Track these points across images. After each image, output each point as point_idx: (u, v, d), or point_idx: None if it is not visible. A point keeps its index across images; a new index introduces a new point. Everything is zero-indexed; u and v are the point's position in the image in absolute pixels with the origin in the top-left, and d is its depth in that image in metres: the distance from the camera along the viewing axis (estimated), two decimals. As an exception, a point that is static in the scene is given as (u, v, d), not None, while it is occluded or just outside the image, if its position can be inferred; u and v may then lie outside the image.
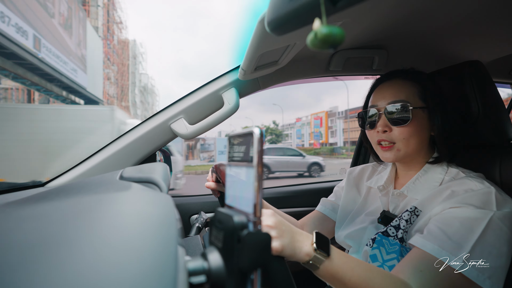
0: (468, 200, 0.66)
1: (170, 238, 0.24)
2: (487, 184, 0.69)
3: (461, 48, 1.03)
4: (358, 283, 0.56)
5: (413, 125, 0.76)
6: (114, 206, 0.29)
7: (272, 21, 0.38)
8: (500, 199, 0.66)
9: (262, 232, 0.30)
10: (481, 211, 0.63)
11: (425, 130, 0.78)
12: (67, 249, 0.21)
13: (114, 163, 0.98)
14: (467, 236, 0.61)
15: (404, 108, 0.76)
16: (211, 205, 1.25)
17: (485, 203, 0.65)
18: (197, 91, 1.03)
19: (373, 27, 0.88)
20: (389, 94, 0.80)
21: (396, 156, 0.79)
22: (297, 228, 0.55)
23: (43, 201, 0.38)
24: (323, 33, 0.27)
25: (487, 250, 0.60)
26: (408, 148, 0.78)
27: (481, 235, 0.61)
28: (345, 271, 0.56)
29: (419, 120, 0.77)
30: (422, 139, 0.78)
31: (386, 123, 0.79)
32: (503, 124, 0.88)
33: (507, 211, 0.64)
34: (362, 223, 0.85)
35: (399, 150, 0.78)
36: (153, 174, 0.46)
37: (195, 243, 0.75)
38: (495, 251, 0.60)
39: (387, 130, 0.79)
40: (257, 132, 0.32)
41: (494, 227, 0.62)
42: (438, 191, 0.73)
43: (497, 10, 0.79)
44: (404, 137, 0.77)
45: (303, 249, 0.54)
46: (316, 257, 0.54)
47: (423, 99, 0.79)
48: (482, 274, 0.59)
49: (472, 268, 0.59)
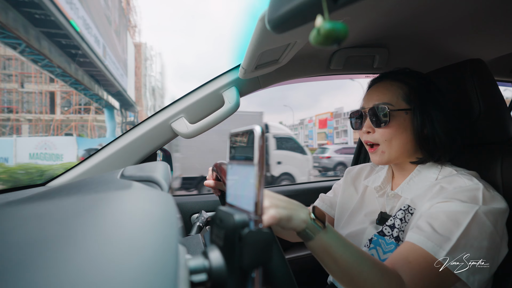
0: (455, 195, 0.68)
1: (171, 236, 0.24)
2: (475, 181, 0.70)
3: (463, 46, 1.03)
4: (349, 261, 0.57)
5: (393, 127, 0.78)
6: (115, 204, 0.29)
7: (273, 19, 0.37)
8: (488, 195, 0.68)
9: (264, 230, 0.30)
10: (467, 205, 0.65)
11: (409, 132, 0.78)
12: (68, 247, 0.21)
13: (115, 162, 0.98)
14: (453, 229, 0.63)
15: (384, 110, 0.78)
16: (212, 204, 1.25)
17: (471, 198, 0.67)
18: (198, 90, 1.03)
19: (373, 25, 0.87)
20: (375, 96, 0.82)
21: (381, 158, 0.81)
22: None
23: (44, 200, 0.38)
24: (326, 29, 0.27)
25: (469, 243, 0.62)
26: (391, 149, 0.79)
27: (466, 228, 0.63)
28: (338, 247, 0.58)
29: (401, 122, 0.78)
30: (405, 141, 0.79)
31: (369, 124, 0.81)
32: (505, 122, 0.87)
33: (493, 207, 0.66)
34: (362, 223, 0.86)
35: (383, 152, 0.80)
36: (154, 173, 0.46)
37: (196, 242, 0.75)
38: (476, 243, 0.62)
39: (370, 131, 0.81)
40: (258, 129, 0.32)
41: (478, 221, 0.64)
42: (428, 188, 0.75)
43: (498, 8, 0.79)
44: (386, 139, 0.79)
45: (300, 216, 0.56)
46: (313, 226, 0.57)
47: (408, 100, 0.79)
48: (462, 267, 0.61)
49: (455, 261, 0.61)
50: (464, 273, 0.61)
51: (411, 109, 0.78)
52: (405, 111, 0.78)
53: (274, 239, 0.54)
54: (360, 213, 0.90)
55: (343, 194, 0.98)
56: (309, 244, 0.58)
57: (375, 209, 0.86)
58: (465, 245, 0.62)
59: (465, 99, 0.89)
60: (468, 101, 0.88)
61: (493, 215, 0.65)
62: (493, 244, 0.64)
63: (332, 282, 0.94)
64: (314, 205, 0.59)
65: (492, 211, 0.65)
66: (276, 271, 0.50)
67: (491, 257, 0.64)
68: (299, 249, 1.32)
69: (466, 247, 0.62)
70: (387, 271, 0.60)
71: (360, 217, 0.88)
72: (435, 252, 0.61)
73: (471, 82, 0.88)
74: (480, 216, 0.64)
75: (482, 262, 0.62)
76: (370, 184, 0.92)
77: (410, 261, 0.62)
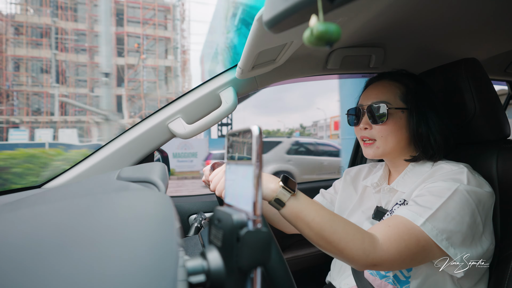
0: (440, 177, 0.72)
1: (169, 238, 0.24)
2: (461, 166, 0.74)
3: (458, 45, 1.04)
4: (322, 224, 0.60)
5: (390, 124, 0.80)
6: (112, 206, 0.29)
7: (270, 19, 0.37)
8: (472, 177, 0.71)
9: (262, 230, 0.30)
10: (450, 183, 0.69)
11: (404, 130, 0.81)
12: (65, 250, 0.21)
13: (112, 163, 0.98)
14: (433, 201, 0.66)
15: (382, 108, 0.80)
16: (210, 205, 1.25)
17: (455, 179, 0.70)
18: (195, 90, 1.03)
19: (369, 25, 0.88)
20: (373, 94, 0.85)
21: (375, 153, 0.83)
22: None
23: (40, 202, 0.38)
24: (319, 30, 0.27)
25: (451, 216, 0.64)
26: (387, 145, 0.81)
27: (447, 200, 0.65)
28: (309, 211, 0.61)
29: (397, 120, 0.80)
30: (400, 138, 0.81)
31: (367, 121, 0.83)
32: (500, 121, 0.88)
33: (475, 188, 0.69)
34: (359, 219, 0.88)
35: (378, 148, 0.82)
36: (151, 174, 0.46)
37: (194, 243, 0.74)
38: (458, 217, 0.65)
39: (367, 127, 0.84)
40: (256, 129, 0.32)
41: (460, 196, 0.66)
42: (422, 180, 0.77)
43: (493, 8, 0.80)
44: (382, 135, 0.81)
45: (270, 186, 0.61)
46: (282, 193, 0.61)
47: (405, 100, 0.82)
48: (441, 235, 0.63)
49: (433, 228, 0.63)
50: (444, 243, 0.63)
51: (408, 108, 0.81)
52: (401, 110, 0.81)
53: (272, 239, 0.55)
54: (358, 211, 0.91)
55: (342, 193, 0.99)
56: (282, 212, 0.62)
57: (372, 205, 0.88)
58: (446, 216, 0.64)
59: (461, 98, 0.90)
60: (464, 100, 0.89)
61: (476, 195, 0.68)
62: (474, 223, 0.66)
63: (330, 281, 0.94)
64: (284, 174, 0.62)
65: (475, 191, 0.68)
66: (275, 271, 0.50)
67: (472, 235, 0.66)
68: (297, 249, 1.32)
69: (448, 218, 0.64)
70: (359, 230, 0.62)
71: (358, 214, 0.90)
72: (414, 219, 0.64)
73: (466, 81, 0.89)
74: (462, 192, 0.67)
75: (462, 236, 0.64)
76: (369, 183, 0.93)
77: (389, 225, 0.65)
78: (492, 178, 0.83)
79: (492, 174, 0.84)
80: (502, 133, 0.89)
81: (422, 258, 0.66)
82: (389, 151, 0.83)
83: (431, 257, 0.67)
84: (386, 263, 0.62)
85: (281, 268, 0.51)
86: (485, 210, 0.69)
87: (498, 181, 0.82)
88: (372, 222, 0.84)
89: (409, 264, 0.66)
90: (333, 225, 0.61)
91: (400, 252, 0.62)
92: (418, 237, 0.63)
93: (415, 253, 0.63)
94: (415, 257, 0.64)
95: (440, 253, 0.65)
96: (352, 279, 0.81)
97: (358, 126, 0.86)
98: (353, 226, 0.62)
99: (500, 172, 0.83)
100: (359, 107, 0.87)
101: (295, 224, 0.63)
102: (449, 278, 0.72)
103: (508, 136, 0.90)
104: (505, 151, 0.84)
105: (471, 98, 0.88)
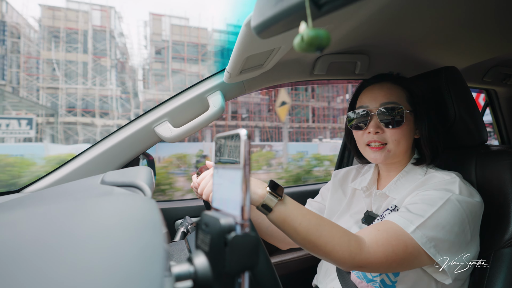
0: (433, 186, 0.73)
1: (155, 243, 0.23)
2: (453, 175, 0.75)
3: (439, 54, 1.08)
4: (308, 228, 0.61)
5: (404, 128, 0.80)
6: (96, 211, 0.28)
7: (258, 25, 0.38)
8: (464, 187, 0.72)
9: (250, 234, 0.30)
10: (442, 192, 0.70)
11: (412, 133, 0.82)
12: (45, 258, 0.20)
13: (96, 167, 0.95)
14: (426, 209, 0.67)
15: (397, 111, 0.79)
16: (196, 209, 1.23)
17: (447, 189, 0.71)
18: (182, 93, 1.02)
19: (354, 33, 0.90)
20: (381, 96, 0.82)
21: (386, 157, 0.81)
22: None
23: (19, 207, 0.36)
24: (310, 36, 0.28)
25: (441, 225, 0.65)
26: (398, 149, 0.80)
27: (438, 209, 0.66)
28: (296, 215, 0.61)
29: (409, 123, 0.81)
30: (410, 142, 0.82)
31: (378, 124, 0.80)
32: (478, 127, 0.92)
33: (467, 198, 0.70)
34: (347, 223, 0.88)
35: (389, 151, 0.80)
36: (136, 178, 0.45)
37: (180, 248, 0.73)
38: (448, 227, 0.66)
39: (379, 131, 0.80)
40: (244, 133, 0.32)
41: (452, 205, 0.67)
42: (414, 188, 0.78)
43: (471, 19, 0.83)
44: (396, 139, 0.79)
45: (257, 191, 0.61)
46: (269, 199, 0.61)
47: (411, 103, 0.83)
48: (430, 242, 0.64)
49: (422, 236, 0.64)
50: (432, 250, 0.64)
51: (414, 111, 0.82)
52: (410, 113, 0.81)
53: (260, 243, 0.54)
54: (346, 214, 0.91)
55: (332, 198, 0.99)
56: (269, 217, 0.62)
57: (361, 209, 0.88)
58: (437, 225, 0.65)
59: (442, 105, 0.93)
60: (445, 106, 0.93)
61: (467, 204, 0.69)
62: (463, 232, 0.68)
63: (316, 285, 0.94)
64: (271, 179, 0.62)
65: (466, 200, 0.69)
66: (262, 276, 0.50)
67: (459, 243, 0.67)
68: (284, 252, 1.32)
69: (438, 227, 0.65)
70: (345, 232, 0.63)
71: (346, 218, 0.90)
72: (405, 226, 0.65)
73: (446, 88, 0.92)
74: (453, 202, 0.68)
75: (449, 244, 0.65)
76: (357, 186, 0.93)
77: (378, 229, 0.66)
78: (472, 183, 0.86)
79: (472, 179, 0.87)
80: (480, 138, 0.92)
81: (409, 264, 0.66)
82: (398, 155, 0.82)
83: (418, 264, 0.67)
84: (372, 265, 0.62)
85: (268, 272, 0.50)
86: (475, 219, 0.71)
87: (477, 186, 0.86)
88: (360, 227, 0.84)
89: (396, 269, 0.66)
90: (319, 228, 0.61)
91: (387, 256, 0.62)
92: (406, 243, 0.64)
93: (402, 258, 0.64)
94: (401, 262, 0.64)
95: (428, 260, 0.66)
96: (338, 282, 0.82)
97: (364, 130, 0.82)
98: (339, 229, 0.63)
99: (479, 177, 0.86)
100: (366, 109, 0.82)
101: (282, 229, 0.63)
102: (435, 284, 0.73)
103: (485, 141, 0.93)
104: (483, 156, 0.88)
105: (451, 105, 0.91)
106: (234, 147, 0.33)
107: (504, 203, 0.80)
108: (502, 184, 0.81)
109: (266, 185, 0.62)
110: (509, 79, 1.51)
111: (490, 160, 0.86)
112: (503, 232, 0.79)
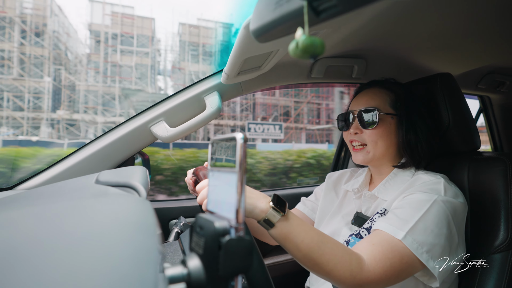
0: (418, 188, 0.74)
1: (149, 245, 0.23)
2: (438, 176, 0.77)
3: (434, 60, 1.09)
4: (311, 246, 0.60)
5: (381, 129, 0.83)
6: (90, 212, 0.28)
7: (257, 28, 0.38)
8: (448, 187, 0.74)
9: (244, 238, 0.30)
10: (428, 194, 0.71)
11: (393, 135, 0.84)
12: (39, 260, 0.20)
13: (90, 165, 0.95)
14: (413, 214, 0.68)
15: (373, 113, 0.83)
16: (190, 209, 1.23)
17: (432, 190, 0.72)
18: (179, 93, 1.02)
19: (352, 37, 0.91)
20: (364, 100, 0.87)
21: (365, 158, 0.85)
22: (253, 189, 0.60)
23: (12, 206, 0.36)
24: (305, 43, 0.28)
25: (430, 228, 0.66)
26: (376, 150, 0.84)
27: (425, 213, 0.67)
28: (299, 232, 0.60)
29: (387, 126, 0.83)
30: (389, 143, 0.84)
31: (358, 125, 0.86)
32: (471, 133, 0.93)
33: (451, 199, 0.71)
34: (338, 224, 0.89)
35: (368, 152, 0.85)
36: (131, 178, 0.45)
37: (174, 249, 0.73)
38: (437, 230, 0.67)
39: (358, 132, 0.86)
40: (240, 137, 0.32)
41: (438, 208, 0.68)
42: (402, 190, 0.79)
43: (466, 28, 0.85)
44: (372, 139, 0.84)
45: (259, 206, 0.59)
46: (272, 214, 0.59)
47: (394, 107, 0.85)
48: (421, 248, 0.65)
49: (413, 241, 0.65)
50: (424, 256, 0.64)
51: (397, 115, 0.84)
52: (391, 116, 0.84)
53: (254, 247, 0.55)
54: (338, 215, 0.93)
55: (325, 199, 1.00)
56: (271, 232, 0.60)
57: (352, 210, 0.90)
58: (425, 229, 0.66)
59: (437, 110, 0.94)
60: (440, 112, 0.94)
61: (451, 205, 0.70)
62: (450, 234, 0.69)
63: (309, 287, 0.95)
64: (275, 194, 0.61)
65: (450, 201, 0.71)
66: (256, 278, 0.50)
67: (449, 246, 0.68)
68: (278, 254, 1.32)
69: (427, 231, 0.66)
70: (346, 251, 0.62)
71: (337, 219, 0.91)
72: (395, 233, 0.65)
73: (441, 94, 0.93)
74: (439, 204, 0.69)
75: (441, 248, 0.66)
76: (349, 188, 0.95)
77: (373, 244, 0.66)
78: (464, 189, 0.87)
79: (464, 185, 0.88)
80: (473, 144, 0.94)
81: (406, 275, 0.66)
82: (378, 156, 0.84)
83: (413, 272, 0.68)
84: (372, 283, 0.62)
85: (261, 274, 0.51)
86: (459, 221, 0.72)
87: (469, 192, 0.87)
88: (351, 228, 0.85)
89: (394, 282, 0.66)
90: (321, 246, 0.60)
91: (386, 271, 0.63)
92: (401, 253, 0.64)
93: (400, 271, 0.64)
94: (399, 274, 0.65)
95: (421, 266, 0.66)
96: (330, 284, 0.82)
97: (348, 131, 0.89)
98: (341, 247, 0.62)
99: (471, 182, 0.87)
100: (349, 112, 0.89)
101: (284, 245, 0.61)
102: (423, 287, 0.74)
103: (478, 148, 0.95)
104: (476, 163, 0.89)
105: (446, 110, 0.92)
106: (230, 150, 0.33)
107: (495, 209, 0.81)
108: (493, 190, 0.83)
109: (269, 199, 0.60)
110: (503, 86, 1.53)
111: (482, 166, 0.87)
112: (493, 238, 0.80)
